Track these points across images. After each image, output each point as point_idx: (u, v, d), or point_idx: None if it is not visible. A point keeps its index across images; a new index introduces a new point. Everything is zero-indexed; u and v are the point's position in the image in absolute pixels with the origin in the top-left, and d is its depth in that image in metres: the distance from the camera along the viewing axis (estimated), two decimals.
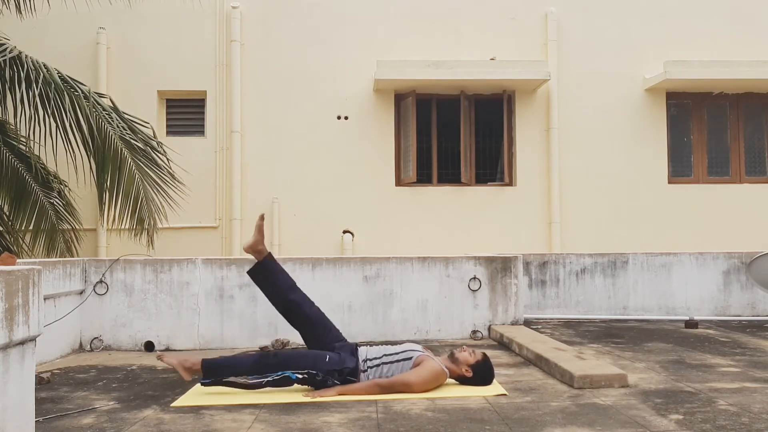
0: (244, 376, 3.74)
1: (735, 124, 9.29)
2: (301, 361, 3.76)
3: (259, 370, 3.74)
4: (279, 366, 3.74)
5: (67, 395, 3.83)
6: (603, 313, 7.15)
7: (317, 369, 3.73)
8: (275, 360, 3.78)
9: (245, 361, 3.86)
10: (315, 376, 3.72)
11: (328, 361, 3.77)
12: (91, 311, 5.55)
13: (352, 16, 8.89)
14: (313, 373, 3.72)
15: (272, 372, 3.72)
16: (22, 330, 2.12)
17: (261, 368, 3.75)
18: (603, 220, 8.86)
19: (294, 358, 3.79)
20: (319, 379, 3.72)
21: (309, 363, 3.75)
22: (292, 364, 3.73)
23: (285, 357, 3.80)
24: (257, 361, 3.80)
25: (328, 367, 3.75)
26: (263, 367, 3.75)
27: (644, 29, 9.03)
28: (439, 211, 8.77)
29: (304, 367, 3.73)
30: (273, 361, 3.77)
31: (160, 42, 8.72)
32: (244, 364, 3.81)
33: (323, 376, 3.72)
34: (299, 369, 3.72)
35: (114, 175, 6.35)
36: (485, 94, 8.99)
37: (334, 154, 8.76)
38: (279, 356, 3.82)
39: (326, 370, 3.73)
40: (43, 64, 6.02)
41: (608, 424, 3.07)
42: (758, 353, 5.00)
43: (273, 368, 3.73)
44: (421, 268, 5.95)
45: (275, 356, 3.82)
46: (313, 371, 3.72)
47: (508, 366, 4.61)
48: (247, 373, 3.75)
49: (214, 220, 8.70)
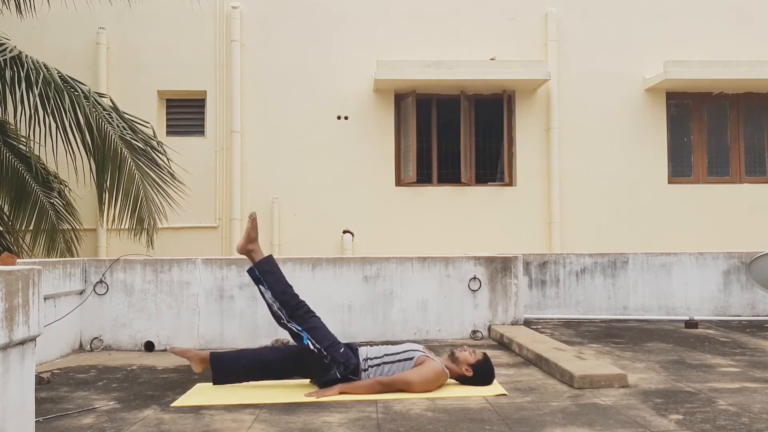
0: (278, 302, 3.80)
1: (735, 124, 9.29)
2: (322, 335, 3.81)
3: (288, 309, 3.81)
4: (303, 321, 3.80)
5: (67, 395, 3.83)
6: (603, 313, 7.15)
7: (329, 352, 3.76)
8: (305, 314, 3.83)
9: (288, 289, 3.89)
10: (323, 357, 3.74)
11: (342, 352, 3.81)
12: (91, 311, 5.55)
13: (352, 16, 8.89)
14: (324, 353, 3.74)
15: (295, 321, 3.79)
16: (22, 330, 2.12)
17: (290, 310, 3.81)
18: (603, 220, 8.86)
19: (319, 329, 3.83)
20: (324, 362, 3.74)
21: (326, 342, 3.79)
22: (315, 332, 3.78)
23: (315, 321, 3.85)
24: (292, 300, 3.84)
25: (339, 357, 3.77)
26: (292, 308, 3.81)
27: (644, 29, 9.03)
28: (439, 211, 8.77)
29: (321, 340, 3.77)
30: (302, 312, 3.83)
31: (160, 42, 8.72)
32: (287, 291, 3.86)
33: (329, 361, 3.75)
34: (317, 340, 3.76)
35: (114, 175, 6.35)
36: (485, 94, 8.99)
37: (334, 154, 8.76)
38: (310, 315, 3.86)
39: (334, 358, 3.76)
40: (43, 64, 6.02)
41: (608, 424, 3.07)
42: (758, 353, 5.00)
43: (298, 320, 3.80)
44: (421, 268, 5.95)
45: (307, 312, 3.86)
46: (325, 351, 3.74)
47: (508, 366, 4.61)
48: (282, 300, 3.81)
49: (214, 220, 8.70)
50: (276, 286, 3.90)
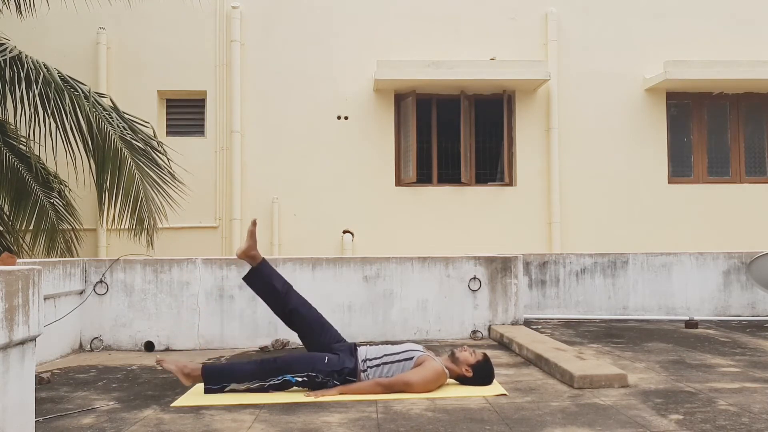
0: (246, 383, 3.76)
1: (735, 124, 9.29)
2: (300, 365, 3.78)
3: (260, 376, 3.77)
4: (279, 371, 3.76)
5: (67, 395, 3.83)
6: (603, 313, 7.15)
7: (316, 371, 3.73)
8: (275, 365, 3.79)
9: (245, 367, 3.87)
10: (315, 378, 3.73)
11: (327, 362, 3.78)
12: (91, 311, 5.55)
13: (352, 16, 8.89)
14: (313, 375, 3.73)
15: (273, 377, 3.75)
16: (22, 330, 2.12)
17: (262, 374, 3.77)
18: (603, 220, 8.86)
19: (293, 363, 3.80)
20: (318, 381, 3.73)
21: (308, 366, 3.76)
22: (292, 369, 3.75)
23: (284, 362, 3.81)
24: (258, 368, 3.81)
25: (328, 368, 3.75)
26: (264, 373, 3.77)
27: (644, 29, 9.03)
28: (439, 211, 8.77)
29: (303, 370, 3.74)
30: (273, 367, 3.79)
31: (160, 42, 8.71)
32: (245, 371, 3.82)
33: (323, 377, 3.73)
34: (299, 373, 3.74)
35: (114, 175, 6.34)
36: (485, 94, 8.99)
37: (334, 154, 8.76)
38: (278, 362, 3.83)
39: (326, 372, 3.74)
40: (43, 64, 6.02)
41: (608, 424, 3.07)
42: (758, 353, 5.00)
43: (273, 373, 3.76)
44: (421, 268, 5.95)
45: (275, 362, 3.83)
46: (312, 374, 3.73)
47: (508, 366, 4.61)
48: (248, 379, 3.77)
49: (214, 220, 8.70)
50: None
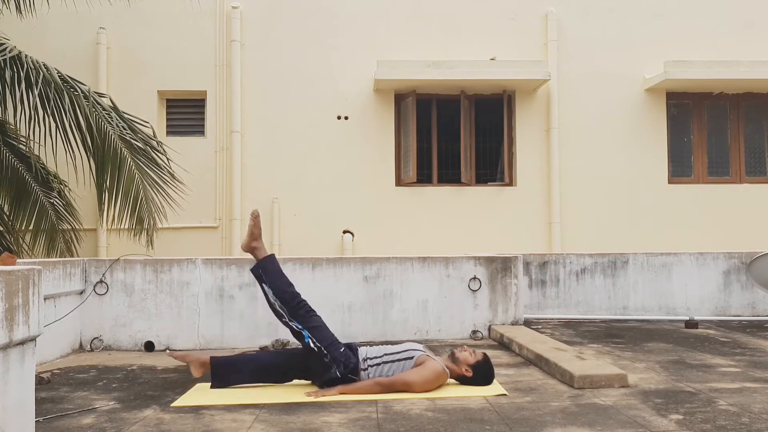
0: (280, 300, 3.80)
1: (735, 124, 9.29)
2: (323, 334, 3.81)
3: (290, 307, 3.80)
4: (305, 322, 3.79)
5: (67, 395, 3.83)
6: (603, 313, 7.15)
7: (329, 351, 3.76)
8: (305, 315, 3.82)
9: (287, 287, 3.88)
10: (323, 356, 3.74)
11: (342, 351, 3.81)
12: (91, 311, 5.55)
13: (352, 16, 8.89)
14: (324, 352, 3.75)
15: (297, 321, 3.78)
16: (22, 330, 2.12)
17: (292, 309, 3.80)
18: (603, 220, 8.86)
19: (320, 328, 3.83)
20: (324, 361, 3.74)
21: (326, 341, 3.79)
22: (315, 331, 3.78)
23: (315, 320, 3.84)
24: (295, 302, 3.83)
25: (339, 356, 3.78)
26: (294, 311, 3.81)
27: (644, 29, 9.03)
28: (439, 211, 8.77)
29: (320, 340, 3.77)
30: (303, 313, 3.82)
31: (160, 42, 8.71)
32: (285, 290, 3.84)
33: (329, 360, 3.75)
34: (318, 339, 3.76)
35: (114, 175, 6.34)
36: (485, 94, 8.99)
37: (334, 154, 8.76)
38: (310, 314, 3.85)
39: (334, 357, 3.76)
40: (43, 63, 6.02)
41: (608, 424, 3.07)
42: (758, 353, 5.00)
43: (300, 318, 3.79)
44: (421, 268, 5.95)
45: (308, 312, 3.85)
46: (324, 351, 3.75)
47: (508, 366, 4.61)
48: (282, 297, 3.80)
49: (214, 220, 8.70)
50: (277, 285, 3.92)
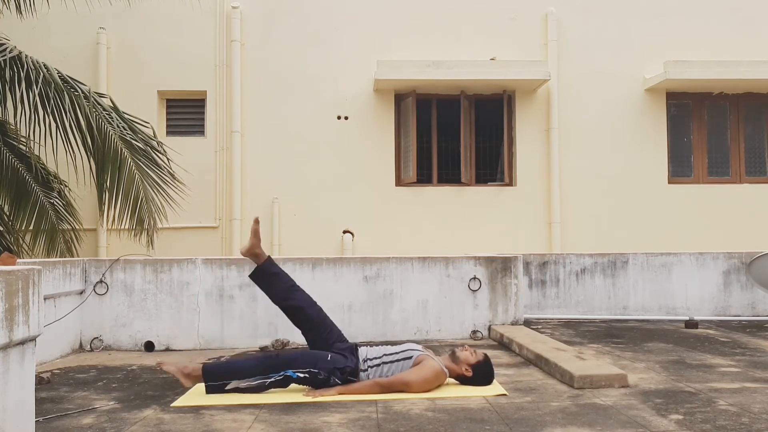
0: (247, 380, 3.73)
1: (735, 124, 9.29)
2: (303, 361, 3.76)
3: (261, 371, 3.74)
4: (281, 366, 3.74)
5: (67, 395, 3.83)
6: (603, 313, 7.15)
7: (319, 368, 3.73)
8: (277, 361, 3.78)
9: (246, 363, 3.86)
10: (317, 375, 3.72)
11: (330, 359, 3.78)
12: (91, 311, 5.55)
13: (352, 16, 8.89)
14: (315, 372, 3.72)
15: (274, 373, 3.72)
16: (22, 330, 2.12)
17: (263, 370, 3.75)
18: (603, 220, 8.86)
19: (296, 358, 3.78)
20: (321, 378, 3.72)
21: (310, 362, 3.75)
22: (294, 364, 3.73)
23: (287, 358, 3.80)
24: (259, 363, 3.80)
25: (330, 365, 3.75)
26: (265, 369, 3.75)
27: (644, 29, 9.03)
28: (439, 211, 8.77)
29: (305, 366, 3.73)
30: (275, 362, 3.77)
31: (160, 42, 8.72)
32: (246, 367, 3.80)
33: (325, 374, 3.72)
34: (300, 368, 3.72)
35: (114, 175, 6.35)
36: (485, 94, 8.99)
37: (334, 154, 8.76)
38: (281, 357, 3.81)
39: (328, 369, 3.73)
40: (43, 64, 6.02)
41: (608, 424, 3.07)
42: (758, 353, 5.00)
43: (275, 369, 3.73)
44: (421, 268, 5.95)
45: (277, 357, 3.82)
46: (314, 370, 3.72)
47: (508, 366, 4.61)
48: (250, 376, 3.74)
49: (214, 220, 8.70)
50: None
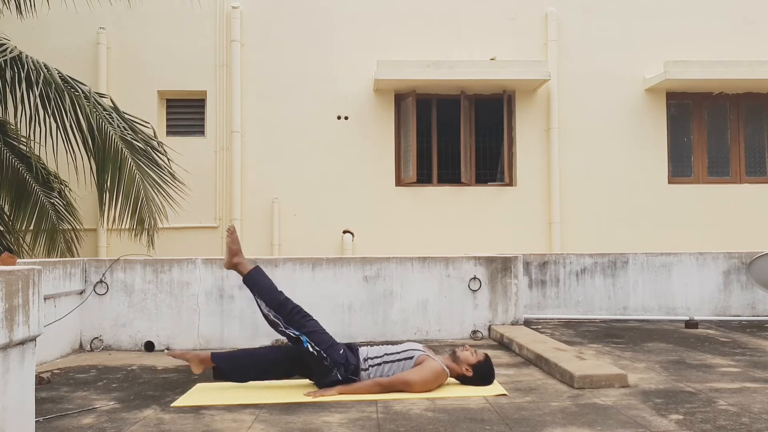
0: (273, 310, 3.78)
1: (735, 124, 9.29)
2: (320, 338, 3.79)
3: (285, 315, 3.78)
4: (301, 326, 3.77)
5: (67, 395, 3.83)
6: (603, 313, 7.15)
7: (327, 354, 3.75)
8: (302, 319, 3.80)
9: (278, 296, 3.85)
10: (323, 360, 3.74)
11: (341, 353, 3.81)
12: (91, 311, 5.56)
13: (352, 16, 8.89)
14: (324, 356, 3.74)
15: (293, 327, 3.76)
16: (22, 330, 2.12)
17: (287, 316, 3.78)
18: (603, 220, 8.86)
19: (317, 332, 3.81)
20: (325, 364, 3.74)
21: (325, 344, 3.77)
22: (312, 335, 3.77)
23: (312, 324, 3.82)
24: (287, 309, 3.81)
25: (339, 359, 3.77)
26: (289, 317, 3.78)
27: (644, 29, 9.03)
28: (439, 211, 8.77)
29: (319, 344, 3.75)
30: (298, 318, 3.80)
31: (160, 42, 8.72)
32: (277, 299, 3.82)
33: (329, 363, 3.74)
34: (316, 343, 3.75)
35: (114, 175, 6.35)
36: (485, 94, 8.99)
37: (334, 154, 8.76)
38: (307, 319, 3.83)
39: (334, 360, 3.76)
40: (44, 64, 6.03)
41: (608, 424, 3.07)
42: (758, 353, 5.00)
43: (296, 325, 3.77)
44: (421, 268, 5.95)
45: (303, 317, 3.83)
46: (324, 354, 3.74)
47: (508, 366, 4.61)
48: (276, 307, 3.78)
49: (214, 220, 8.70)
50: (267, 296, 3.89)
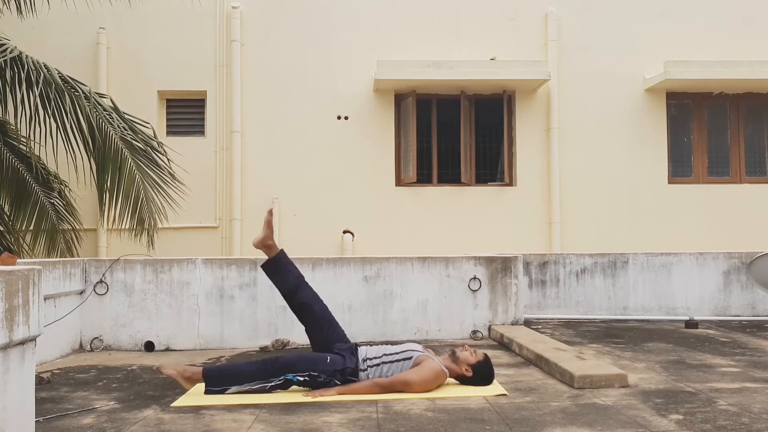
0: (248, 384, 3.75)
1: (735, 124, 9.29)
2: (303, 365, 3.77)
3: (261, 376, 3.76)
4: (281, 371, 3.75)
5: (67, 395, 3.83)
6: (603, 313, 7.15)
7: (318, 371, 3.74)
8: (276, 365, 3.78)
9: (246, 368, 3.87)
10: (316, 378, 3.73)
11: (330, 362, 3.78)
12: (91, 311, 5.56)
13: (352, 16, 8.89)
14: (315, 375, 3.73)
15: (275, 377, 3.74)
16: (22, 330, 2.12)
17: (263, 375, 3.77)
18: (603, 220, 8.86)
19: (295, 363, 3.79)
20: (320, 381, 3.73)
21: (310, 365, 3.76)
22: (294, 368, 3.74)
23: (286, 362, 3.80)
24: (259, 368, 3.81)
25: (330, 368, 3.76)
26: (265, 374, 3.76)
27: (644, 29, 9.03)
28: (439, 211, 8.77)
29: (305, 369, 3.74)
30: (274, 367, 3.78)
31: (160, 42, 8.72)
32: (246, 371, 3.82)
33: (325, 377, 3.74)
34: (300, 372, 3.73)
35: (114, 175, 6.35)
36: (485, 94, 8.99)
37: (334, 154, 8.76)
38: (279, 361, 3.81)
39: (328, 371, 3.75)
40: (44, 64, 6.02)
41: (608, 424, 3.07)
42: (758, 353, 5.00)
43: (275, 373, 3.75)
44: (421, 268, 5.95)
45: (276, 362, 3.82)
46: (314, 373, 3.73)
47: (508, 366, 4.61)
48: (250, 380, 3.76)
49: (214, 220, 8.70)
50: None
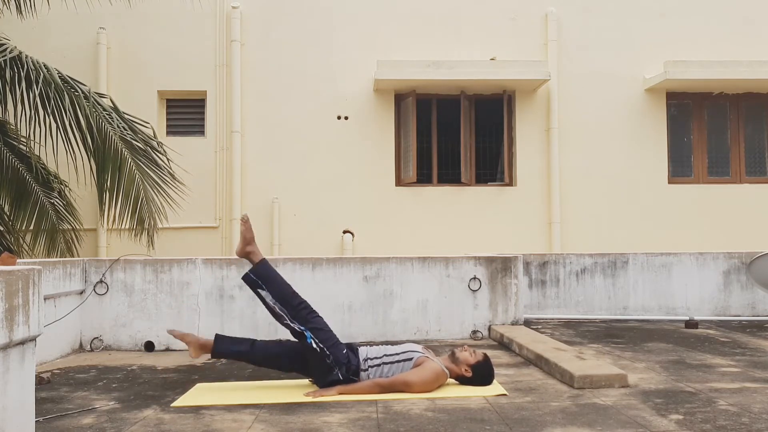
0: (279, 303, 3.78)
1: (735, 124, 9.29)
2: (324, 335, 3.79)
3: (291, 309, 3.79)
4: (306, 321, 3.78)
5: (67, 395, 3.83)
6: (603, 313, 7.15)
7: (330, 352, 3.75)
8: (308, 315, 3.81)
9: (288, 289, 3.86)
10: (326, 357, 3.74)
11: (344, 353, 3.81)
12: (91, 311, 5.56)
13: (352, 16, 8.89)
14: (326, 353, 3.74)
15: (299, 322, 3.77)
16: (22, 330, 2.12)
17: (293, 310, 3.79)
18: (603, 220, 8.86)
19: (322, 329, 3.81)
20: (327, 362, 3.74)
21: (329, 342, 3.78)
22: (317, 332, 3.77)
23: (317, 321, 3.83)
24: (295, 302, 3.82)
25: (341, 358, 3.77)
26: (295, 312, 3.79)
27: (644, 29, 9.03)
28: (439, 211, 8.77)
29: (323, 341, 3.76)
30: (304, 313, 3.81)
31: (160, 42, 8.72)
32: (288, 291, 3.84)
33: (331, 361, 3.74)
34: (320, 340, 3.75)
35: (114, 175, 6.35)
36: (485, 94, 8.99)
37: (334, 154, 8.76)
38: (313, 315, 3.84)
39: (337, 358, 3.76)
40: (44, 64, 6.02)
41: (608, 424, 3.07)
42: (758, 353, 5.00)
43: (301, 320, 3.78)
44: (421, 268, 5.95)
45: (309, 313, 3.84)
46: (327, 351, 3.74)
47: (508, 366, 4.61)
48: (283, 301, 3.79)
49: (214, 220, 8.70)
50: (275, 287, 3.87)
